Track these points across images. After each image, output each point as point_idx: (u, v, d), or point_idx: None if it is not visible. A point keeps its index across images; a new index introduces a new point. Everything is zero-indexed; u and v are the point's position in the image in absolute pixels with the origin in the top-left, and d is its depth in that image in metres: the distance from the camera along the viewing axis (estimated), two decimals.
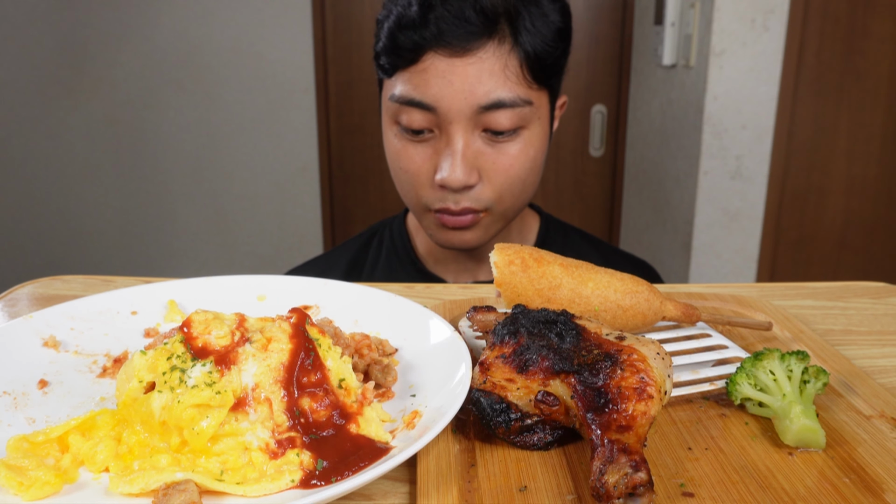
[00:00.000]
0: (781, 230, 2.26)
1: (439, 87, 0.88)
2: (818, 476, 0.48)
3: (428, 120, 0.91)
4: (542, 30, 0.90)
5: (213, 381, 0.48)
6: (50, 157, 3.00)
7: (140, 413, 0.48)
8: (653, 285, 0.66)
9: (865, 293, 0.82)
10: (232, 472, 0.47)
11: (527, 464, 0.49)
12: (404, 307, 0.66)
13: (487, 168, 0.92)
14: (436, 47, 0.88)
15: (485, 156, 0.91)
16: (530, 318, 0.55)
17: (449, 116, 0.89)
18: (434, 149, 0.93)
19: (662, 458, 0.50)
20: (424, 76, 0.89)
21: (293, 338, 0.51)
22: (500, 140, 0.91)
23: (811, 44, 2.10)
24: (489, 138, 0.91)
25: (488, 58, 0.88)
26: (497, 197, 0.94)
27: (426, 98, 0.89)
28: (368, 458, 0.47)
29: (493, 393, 0.51)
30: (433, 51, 0.88)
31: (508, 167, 0.92)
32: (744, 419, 0.55)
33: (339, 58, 2.86)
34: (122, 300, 0.68)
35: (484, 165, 0.92)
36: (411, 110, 0.91)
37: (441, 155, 0.92)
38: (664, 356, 0.51)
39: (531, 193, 1.00)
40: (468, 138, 0.90)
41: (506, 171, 0.92)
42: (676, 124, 2.33)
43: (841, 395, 0.58)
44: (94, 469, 0.47)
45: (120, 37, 2.85)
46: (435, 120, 0.91)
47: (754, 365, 0.55)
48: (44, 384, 0.57)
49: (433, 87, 0.88)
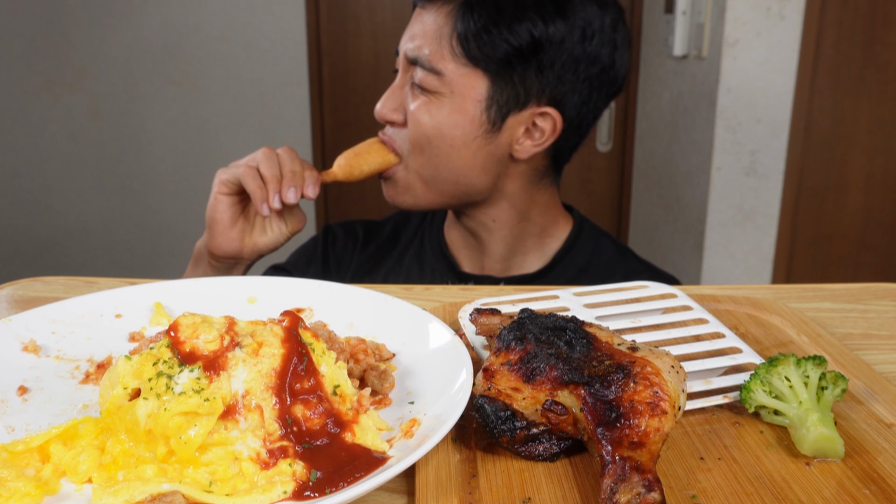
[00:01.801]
0: (798, 229, 2.22)
1: (404, 34, 1.04)
2: (836, 487, 0.46)
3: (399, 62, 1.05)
4: (490, 7, 0.95)
5: (202, 387, 0.47)
6: (29, 152, 2.95)
7: (125, 421, 0.47)
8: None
9: (886, 295, 0.80)
10: (221, 483, 0.46)
11: (531, 475, 0.48)
12: (402, 310, 0.65)
13: (407, 115, 1.02)
14: (416, 1, 1.04)
15: (408, 104, 1.01)
16: (538, 324, 0.53)
17: (400, 57, 1.04)
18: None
19: (673, 468, 0.48)
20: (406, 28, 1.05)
21: (285, 342, 0.50)
22: (418, 94, 1.00)
23: (829, 33, 2.06)
24: (415, 90, 1.01)
25: (431, 14, 1.00)
26: (410, 147, 1.02)
27: (399, 42, 1.05)
28: (364, 468, 0.46)
29: (497, 400, 0.49)
30: (416, 5, 1.04)
31: (414, 117, 1.00)
32: (758, 428, 0.53)
33: (333, 48, 2.84)
34: (106, 302, 0.67)
35: (407, 112, 1.02)
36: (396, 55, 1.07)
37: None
38: (678, 369, 0.50)
39: (453, 170, 1.01)
40: (402, 81, 1.03)
41: (413, 120, 1.00)
42: (688, 118, 2.30)
43: (860, 402, 0.56)
44: (76, 480, 0.46)
45: (103, 25, 2.80)
46: (399, 62, 1.04)
47: (769, 371, 0.54)
48: (24, 391, 0.56)
49: (404, 34, 1.04)
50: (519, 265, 1.11)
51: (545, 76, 0.98)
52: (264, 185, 0.96)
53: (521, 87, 0.98)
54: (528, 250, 1.11)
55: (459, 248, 1.14)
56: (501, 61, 0.96)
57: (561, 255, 1.10)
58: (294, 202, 0.97)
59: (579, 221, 1.14)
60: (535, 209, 1.09)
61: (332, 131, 2.93)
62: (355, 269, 1.16)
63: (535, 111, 0.99)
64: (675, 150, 2.43)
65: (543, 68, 0.97)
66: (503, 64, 0.96)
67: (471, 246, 1.12)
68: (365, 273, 1.16)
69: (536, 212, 1.09)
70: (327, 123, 2.92)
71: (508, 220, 1.07)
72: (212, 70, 2.84)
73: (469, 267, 1.13)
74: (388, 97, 1.03)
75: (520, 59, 0.96)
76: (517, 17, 0.94)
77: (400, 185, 1.05)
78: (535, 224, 1.10)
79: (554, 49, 0.96)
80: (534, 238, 1.11)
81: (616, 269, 1.09)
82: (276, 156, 1.00)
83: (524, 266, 1.11)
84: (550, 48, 0.96)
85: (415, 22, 1.02)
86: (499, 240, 1.09)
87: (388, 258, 1.18)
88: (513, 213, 1.07)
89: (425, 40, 0.98)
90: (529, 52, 0.95)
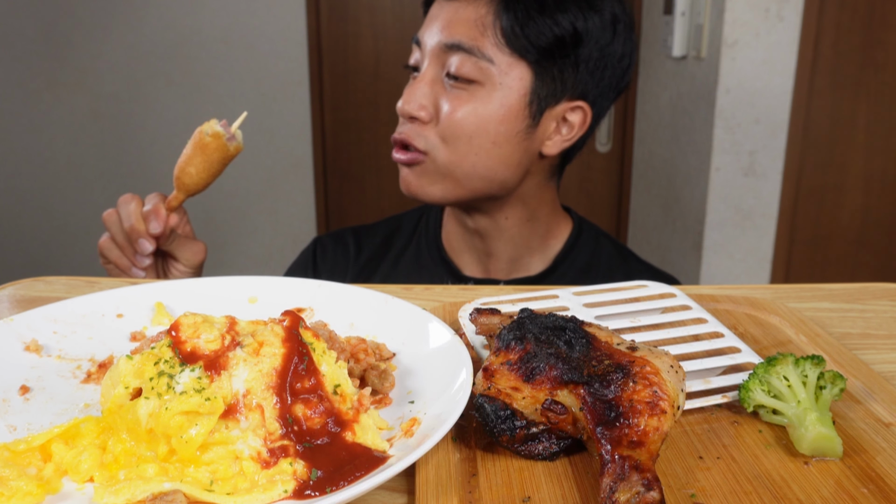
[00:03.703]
0: (797, 229, 2.22)
1: (428, 24, 0.99)
2: (835, 486, 0.46)
3: (420, 55, 1.00)
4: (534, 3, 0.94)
5: (203, 387, 0.47)
6: (31, 152, 2.95)
7: (126, 420, 0.47)
8: None
9: (885, 295, 0.80)
10: (222, 483, 0.46)
11: (530, 473, 0.48)
12: (402, 309, 0.64)
13: (438, 111, 0.97)
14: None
15: (439, 99, 0.97)
16: (538, 324, 0.53)
17: (425, 50, 0.99)
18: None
19: (672, 467, 0.48)
20: (427, 18, 1.01)
21: (286, 342, 0.50)
22: (455, 86, 0.96)
23: (828, 34, 2.06)
24: (449, 83, 0.97)
25: (468, 5, 0.96)
26: (438, 142, 0.97)
27: (419, 32, 1.01)
28: (365, 467, 0.46)
29: (497, 399, 0.50)
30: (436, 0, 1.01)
31: (452, 113, 0.96)
32: (757, 427, 0.53)
33: (334, 48, 2.83)
34: (108, 302, 0.67)
35: (437, 108, 0.97)
36: (414, 47, 1.02)
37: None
38: (678, 369, 0.50)
39: (486, 167, 0.98)
40: (433, 74, 0.97)
41: (450, 117, 0.96)
42: (687, 118, 2.30)
43: (859, 401, 0.56)
44: (77, 479, 0.46)
45: (105, 26, 2.79)
46: (422, 55, 1.00)
47: (767, 371, 0.53)
48: (25, 390, 0.56)
49: (426, 24, 1.00)
50: (524, 267, 1.10)
51: (580, 70, 0.98)
52: (122, 250, 0.91)
53: (560, 80, 0.98)
54: (534, 252, 1.10)
55: (461, 253, 1.12)
56: (545, 52, 0.94)
57: (562, 256, 1.10)
58: (150, 251, 0.89)
59: (578, 222, 1.14)
60: (543, 208, 1.08)
61: (332, 131, 2.93)
62: (350, 280, 1.15)
63: (568, 106, 1.00)
64: (674, 150, 2.43)
65: (580, 62, 0.97)
66: (546, 55, 0.95)
67: (475, 249, 1.11)
68: (361, 282, 1.15)
69: (544, 211, 1.09)
70: (328, 123, 2.91)
71: (520, 218, 1.07)
72: (212, 71, 2.83)
73: (471, 271, 1.12)
74: (415, 91, 0.97)
75: (562, 52, 0.95)
76: (560, 8, 0.94)
77: (427, 177, 1.00)
78: (542, 224, 1.09)
79: (591, 42, 0.96)
80: (539, 239, 1.10)
81: (617, 271, 1.09)
82: (117, 214, 0.91)
83: (528, 268, 1.10)
84: (589, 41, 0.96)
85: (444, 11, 0.97)
86: (507, 240, 1.08)
87: (384, 264, 1.16)
88: (524, 212, 1.07)
89: (466, 28, 0.94)
90: (572, 43, 0.95)
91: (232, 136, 0.86)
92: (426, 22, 1.00)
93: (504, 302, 0.69)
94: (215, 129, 0.85)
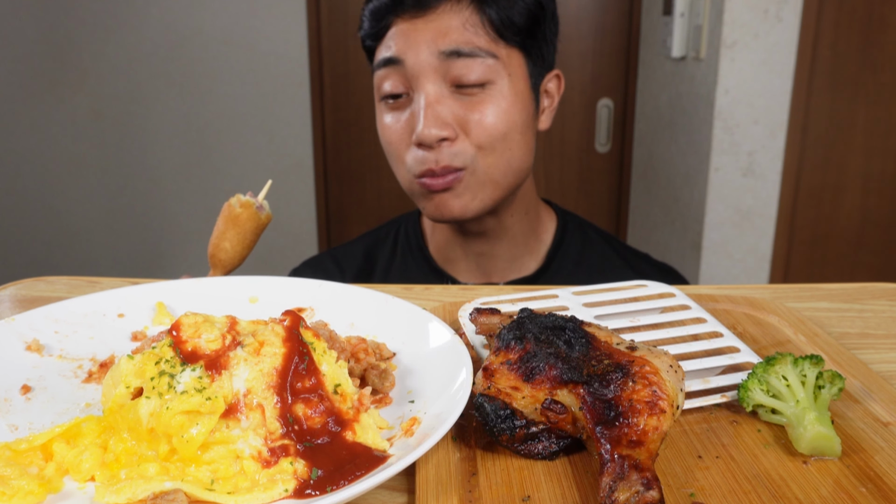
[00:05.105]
0: (795, 229, 2.22)
1: (405, 43, 0.94)
2: (833, 485, 0.46)
3: (401, 79, 0.95)
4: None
5: (204, 386, 0.47)
6: (33, 153, 2.95)
7: (127, 420, 0.47)
8: None
9: (883, 295, 0.80)
10: (223, 482, 0.46)
11: (530, 473, 0.48)
12: (402, 309, 0.65)
13: (462, 123, 0.94)
14: (400, 13, 0.95)
15: (458, 112, 0.94)
16: (537, 324, 0.53)
17: (416, 69, 0.93)
18: (412, 112, 0.96)
19: (671, 466, 0.48)
20: (394, 39, 0.96)
21: (286, 341, 0.50)
22: (469, 93, 0.94)
23: (826, 35, 2.06)
24: (460, 93, 0.94)
25: (446, 14, 0.93)
26: (476, 151, 0.95)
27: (394, 52, 0.95)
28: (365, 466, 0.46)
29: (497, 398, 0.50)
30: (398, 17, 0.95)
31: (481, 118, 0.94)
32: (756, 426, 0.53)
33: (334, 50, 2.83)
34: (109, 302, 0.67)
35: (459, 121, 0.94)
36: (387, 72, 0.96)
37: (416, 115, 0.95)
38: (677, 369, 0.50)
39: (519, 159, 0.99)
40: (437, 91, 0.94)
41: (480, 124, 0.94)
42: (686, 119, 2.30)
43: (857, 401, 0.56)
44: (79, 478, 0.46)
45: (106, 27, 2.79)
46: (406, 78, 0.95)
47: (766, 370, 0.53)
48: (27, 390, 0.56)
49: (400, 44, 0.95)
50: (521, 267, 1.11)
51: (548, 40, 1.00)
52: None
53: (540, 56, 1.00)
54: (530, 248, 1.10)
55: (455, 261, 1.11)
56: (528, 32, 0.96)
57: (554, 250, 1.10)
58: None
59: (562, 214, 1.15)
60: (531, 197, 1.09)
61: (332, 132, 2.93)
62: None
63: (550, 76, 1.03)
64: (673, 151, 2.43)
65: (546, 31, 0.99)
66: (529, 35, 0.96)
67: (474, 254, 1.09)
68: None
69: (532, 201, 1.10)
70: (328, 124, 2.91)
71: (519, 213, 1.07)
72: (213, 71, 2.83)
73: (467, 278, 1.11)
74: (431, 115, 0.92)
75: (537, 26, 0.97)
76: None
77: (469, 192, 0.96)
78: (533, 215, 1.09)
79: (548, 11, 0.99)
80: (533, 233, 1.10)
81: (608, 259, 1.10)
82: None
83: (524, 268, 1.11)
84: (547, 10, 0.99)
85: (419, 31, 0.93)
86: (510, 238, 1.08)
87: (373, 281, 1.13)
88: (521, 205, 1.07)
89: (457, 34, 0.92)
90: (540, 16, 0.97)
91: (261, 206, 0.84)
92: (397, 43, 0.94)
93: (504, 302, 0.69)
94: (244, 199, 0.84)
